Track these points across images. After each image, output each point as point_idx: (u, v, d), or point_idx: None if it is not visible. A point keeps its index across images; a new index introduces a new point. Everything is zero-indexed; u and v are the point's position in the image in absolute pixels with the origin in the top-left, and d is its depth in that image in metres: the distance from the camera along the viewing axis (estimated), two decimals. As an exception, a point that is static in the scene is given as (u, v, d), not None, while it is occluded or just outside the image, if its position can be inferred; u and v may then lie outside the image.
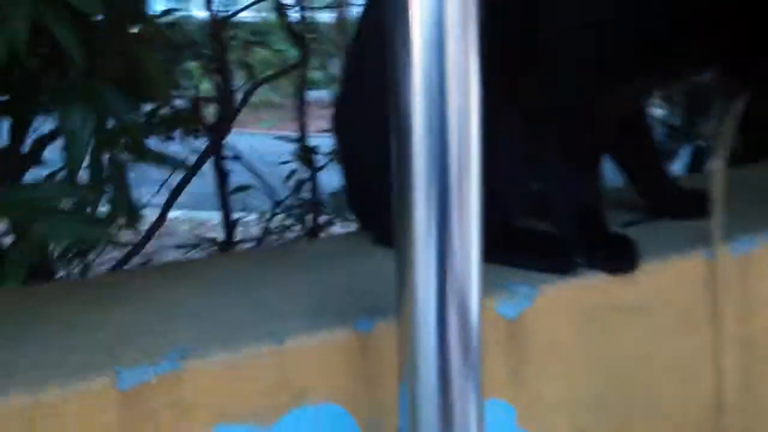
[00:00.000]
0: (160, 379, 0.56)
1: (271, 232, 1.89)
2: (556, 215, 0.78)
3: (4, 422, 0.52)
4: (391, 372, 0.58)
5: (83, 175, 0.76)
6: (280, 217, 2.06)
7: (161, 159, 0.75)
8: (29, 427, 0.52)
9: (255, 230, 2.19)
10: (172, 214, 3.54)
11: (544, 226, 0.82)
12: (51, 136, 0.79)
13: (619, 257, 0.74)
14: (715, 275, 0.80)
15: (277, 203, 2.04)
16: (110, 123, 0.74)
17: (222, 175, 1.92)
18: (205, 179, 1.92)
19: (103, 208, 0.79)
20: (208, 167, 1.88)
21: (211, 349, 0.59)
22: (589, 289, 0.73)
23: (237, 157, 1.98)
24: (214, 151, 1.87)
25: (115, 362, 0.57)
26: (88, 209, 0.67)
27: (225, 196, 1.95)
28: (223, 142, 1.87)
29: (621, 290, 0.75)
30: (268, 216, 2.05)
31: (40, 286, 0.77)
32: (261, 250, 0.97)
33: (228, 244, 1.94)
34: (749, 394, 0.83)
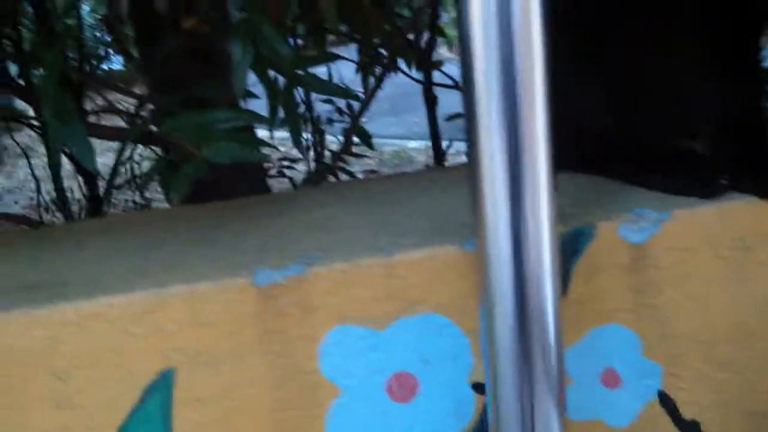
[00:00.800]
0: (289, 281, 0.65)
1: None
2: (704, 131, 0.69)
3: (171, 305, 0.65)
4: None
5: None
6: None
7: (321, 86, 0.82)
8: (190, 311, 0.64)
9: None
10: (412, 144, 3.76)
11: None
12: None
13: None
14: None
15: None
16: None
17: (430, 103, 1.99)
18: (446, 109, 2.00)
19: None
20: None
21: (333, 258, 0.66)
22: (732, 212, 0.66)
23: (450, 86, 2.03)
24: (425, 78, 1.94)
25: (257, 264, 0.67)
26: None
27: (434, 124, 2.02)
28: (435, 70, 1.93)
29: (778, 217, 0.66)
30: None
31: (218, 203, 0.89)
32: (404, 174, 1.01)
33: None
34: None
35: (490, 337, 0.58)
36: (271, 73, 0.77)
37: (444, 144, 2.06)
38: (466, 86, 0.54)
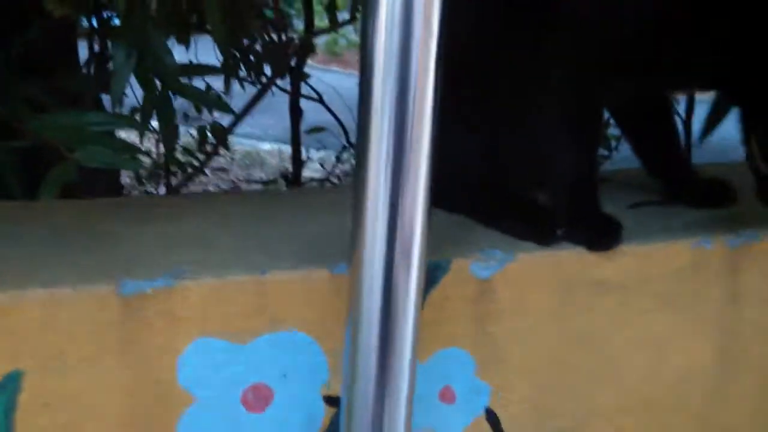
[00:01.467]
0: (156, 292, 0.64)
1: (330, 173, 1.97)
2: (550, 187, 0.80)
3: (27, 310, 0.62)
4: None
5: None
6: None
7: (200, 96, 0.82)
8: (47, 317, 0.62)
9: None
10: (264, 146, 3.71)
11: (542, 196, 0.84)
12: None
13: (600, 234, 0.75)
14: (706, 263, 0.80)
15: (349, 144, 2.10)
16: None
17: (295, 114, 2.00)
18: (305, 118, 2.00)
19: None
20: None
21: (202, 273, 0.66)
22: (565, 260, 0.75)
23: (313, 98, 2.05)
24: (293, 90, 1.95)
25: (123, 273, 0.65)
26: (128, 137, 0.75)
27: (297, 134, 2.04)
28: (303, 81, 1.94)
29: (598, 266, 0.76)
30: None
31: (76, 200, 0.85)
32: (279, 192, 1.04)
33: (294, 182, 2.04)
34: (720, 375, 0.84)
35: (353, 354, 0.61)
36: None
37: (303, 153, 2.08)
38: (361, 121, 0.57)
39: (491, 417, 0.77)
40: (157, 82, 0.79)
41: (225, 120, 2.17)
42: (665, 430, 0.84)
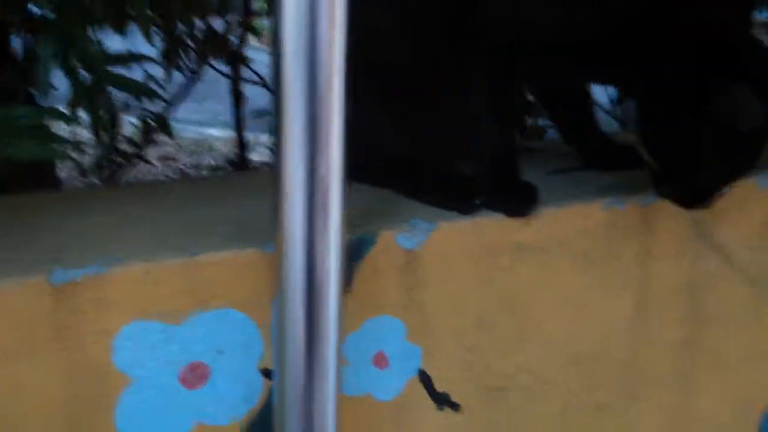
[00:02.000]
0: (87, 279, 0.66)
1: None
2: (470, 159, 0.83)
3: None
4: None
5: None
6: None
7: (127, 85, 0.82)
8: None
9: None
10: (213, 132, 3.66)
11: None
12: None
13: (518, 202, 0.79)
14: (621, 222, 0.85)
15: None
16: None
17: (238, 98, 2.00)
18: (251, 102, 1.99)
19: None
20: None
21: (132, 258, 0.68)
22: (486, 226, 0.78)
23: (256, 82, 2.04)
24: (233, 74, 1.94)
25: (54, 263, 0.66)
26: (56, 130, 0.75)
27: (240, 118, 2.03)
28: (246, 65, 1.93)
29: (518, 231, 0.80)
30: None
31: (17, 195, 0.85)
32: (215, 176, 1.05)
33: (241, 166, 2.03)
34: (637, 327, 0.89)
35: (281, 329, 0.64)
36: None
37: (249, 136, 2.07)
38: (275, 105, 0.59)
39: (424, 377, 0.81)
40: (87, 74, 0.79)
41: (173, 108, 2.15)
42: (590, 381, 0.90)
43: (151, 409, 0.70)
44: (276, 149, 0.61)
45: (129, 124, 2.03)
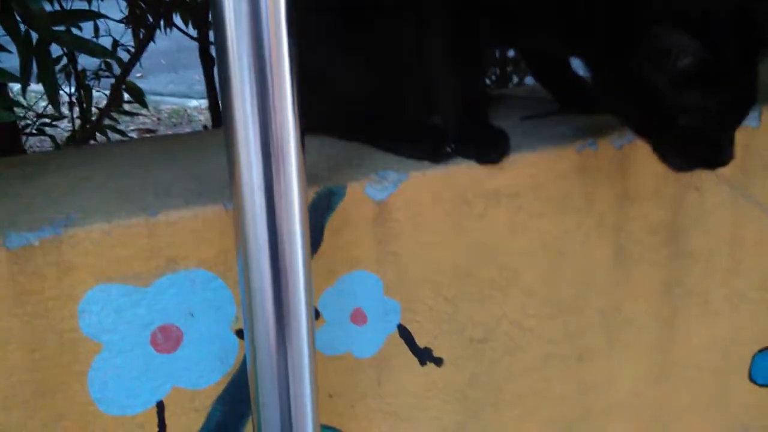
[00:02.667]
0: (44, 242, 0.64)
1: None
2: (440, 108, 0.81)
3: None
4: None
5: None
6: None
7: (78, 44, 0.78)
8: None
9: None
10: (192, 103, 3.61)
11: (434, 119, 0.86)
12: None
13: (488, 147, 0.77)
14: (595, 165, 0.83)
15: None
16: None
17: (207, 62, 1.95)
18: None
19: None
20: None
21: (91, 219, 0.66)
22: (457, 174, 0.77)
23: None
24: (200, 36, 1.89)
25: (10, 227, 0.64)
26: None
27: (211, 82, 1.99)
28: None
29: (490, 177, 0.78)
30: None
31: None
32: (177, 135, 1.01)
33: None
34: (617, 271, 0.89)
35: (247, 288, 0.62)
36: (24, 28, 0.72)
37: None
38: (219, 54, 0.56)
39: (404, 333, 0.80)
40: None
41: (147, 81, 2.09)
42: (571, 329, 0.89)
43: (125, 374, 0.69)
44: (224, 101, 0.58)
45: (103, 97, 1.99)
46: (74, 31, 0.87)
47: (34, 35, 0.79)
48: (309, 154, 0.61)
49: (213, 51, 1.83)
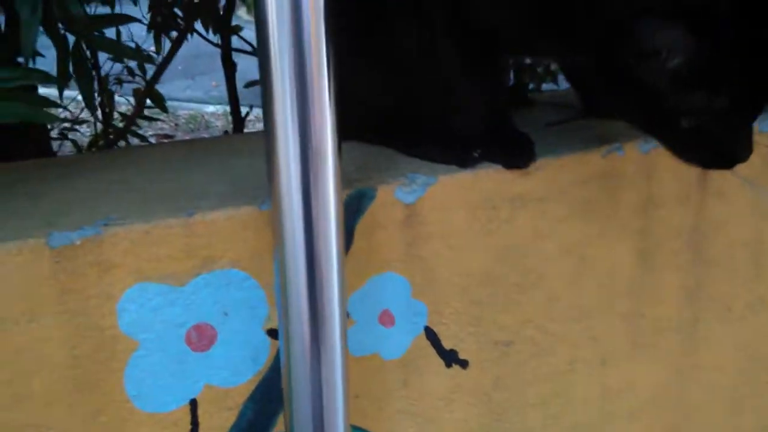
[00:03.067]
0: (85, 241, 0.65)
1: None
2: (464, 114, 0.82)
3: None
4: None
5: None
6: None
7: (114, 48, 0.80)
8: None
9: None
10: (209, 108, 3.65)
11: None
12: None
13: (515, 153, 0.79)
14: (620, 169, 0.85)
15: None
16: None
17: (229, 68, 1.98)
18: (246, 75, 1.98)
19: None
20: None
21: (131, 219, 0.67)
22: (484, 179, 0.78)
23: (248, 52, 2.03)
24: (223, 43, 1.92)
25: (50, 227, 0.66)
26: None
27: (233, 88, 2.01)
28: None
29: (516, 182, 0.79)
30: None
31: (9, 163, 0.85)
32: (210, 139, 1.04)
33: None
34: (641, 276, 0.90)
35: (283, 288, 0.64)
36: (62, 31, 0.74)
37: (243, 110, 2.06)
38: (261, 61, 0.58)
39: (431, 335, 0.81)
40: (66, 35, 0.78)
41: (164, 87, 2.12)
42: (595, 332, 0.90)
43: (160, 372, 0.70)
44: (265, 105, 0.60)
45: (124, 102, 2.03)
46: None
47: (70, 39, 0.81)
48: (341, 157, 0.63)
49: (234, 57, 1.88)
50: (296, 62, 0.57)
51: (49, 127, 1.96)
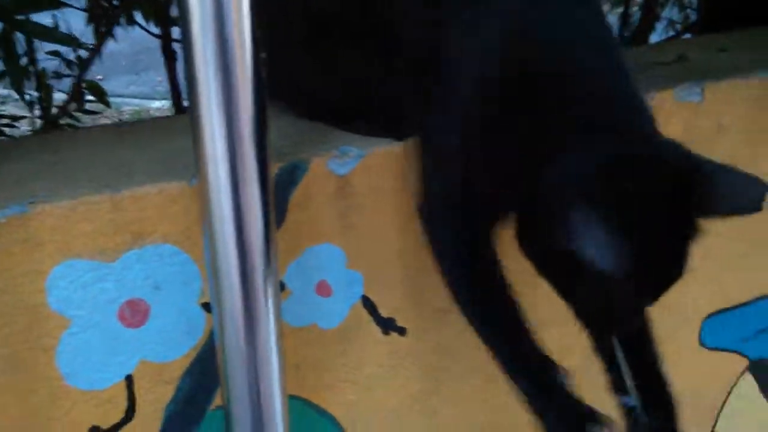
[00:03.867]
0: (11, 219, 0.64)
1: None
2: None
3: None
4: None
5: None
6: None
7: (42, 32, 0.79)
8: None
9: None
10: (154, 104, 3.58)
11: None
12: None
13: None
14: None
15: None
16: None
17: (170, 59, 1.95)
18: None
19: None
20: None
21: (58, 196, 0.67)
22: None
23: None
24: (164, 33, 1.89)
25: (-25, 206, 0.66)
26: None
27: (174, 81, 1.99)
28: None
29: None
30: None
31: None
32: (139, 121, 1.02)
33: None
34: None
35: (213, 261, 0.64)
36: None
37: (186, 103, 2.04)
38: (183, 25, 0.58)
39: (368, 303, 0.82)
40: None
41: (108, 83, 2.06)
42: (527, 298, 0.92)
43: (93, 349, 0.70)
44: (189, 80, 0.59)
45: (64, 99, 1.97)
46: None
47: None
48: (272, 130, 0.64)
49: (177, 49, 1.85)
50: (218, 32, 0.57)
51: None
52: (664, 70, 1.00)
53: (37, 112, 1.96)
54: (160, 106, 3.21)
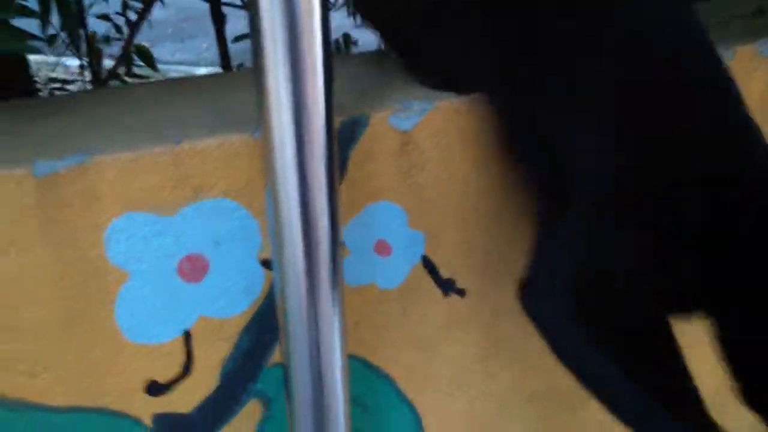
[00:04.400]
0: (70, 170, 0.62)
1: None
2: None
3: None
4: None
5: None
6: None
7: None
8: None
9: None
10: (200, 71, 3.58)
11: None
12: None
13: None
14: None
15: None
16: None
17: (218, 23, 1.93)
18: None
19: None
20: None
21: (117, 148, 0.65)
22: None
23: (238, 5, 1.97)
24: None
25: (35, 157, 0.63)
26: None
27: (223, 45, 1.97)
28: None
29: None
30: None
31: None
32: (191, 77, 0.99)
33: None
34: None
35: (276, 217, 0.62)
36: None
37: (234, 67, 2.01)
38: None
39: (428, 264, 0.79)
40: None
41: (154, 50, 2.06)
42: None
43: (151, 303, 0.68)
44: (253, 31, 0.56)
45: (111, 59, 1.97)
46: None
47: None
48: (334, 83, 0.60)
49: (226, 12, 1.82)
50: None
51: (38, 87, 1.92)
52: (743, 23, 0.93)
53: (86, 77, 1.97)
54: (206, 72, 3.21)
